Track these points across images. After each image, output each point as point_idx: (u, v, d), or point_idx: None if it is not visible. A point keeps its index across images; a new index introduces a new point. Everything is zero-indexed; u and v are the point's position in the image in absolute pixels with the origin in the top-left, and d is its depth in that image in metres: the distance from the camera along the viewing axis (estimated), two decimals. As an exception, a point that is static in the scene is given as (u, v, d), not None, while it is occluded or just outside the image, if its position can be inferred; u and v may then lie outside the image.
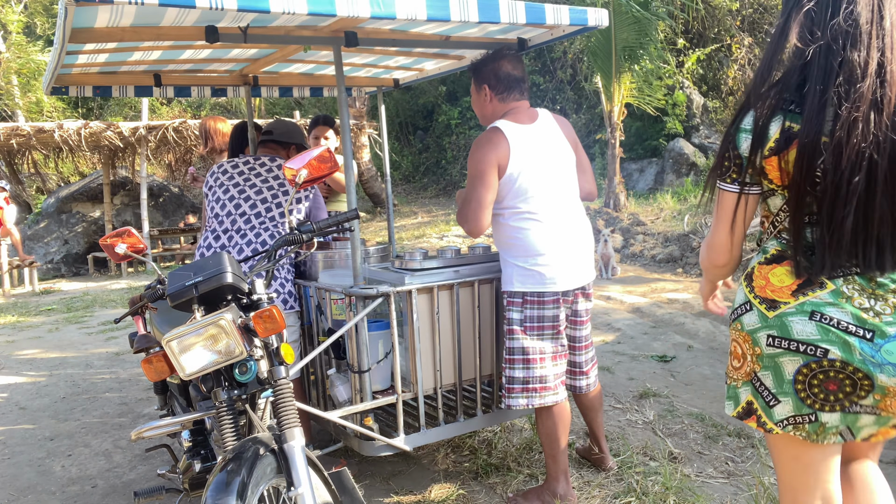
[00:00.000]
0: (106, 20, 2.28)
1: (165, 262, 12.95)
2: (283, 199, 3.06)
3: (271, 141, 3.44)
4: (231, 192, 3.09)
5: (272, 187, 3.09)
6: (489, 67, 2.73)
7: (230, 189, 3.10)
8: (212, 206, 3.13)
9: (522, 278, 2.64)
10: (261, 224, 3.01)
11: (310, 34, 2.68)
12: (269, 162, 3.19)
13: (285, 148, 3.44)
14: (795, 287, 1.55)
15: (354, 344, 2.66)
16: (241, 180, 3.11)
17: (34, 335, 6.88)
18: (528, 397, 2.68)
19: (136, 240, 2.26)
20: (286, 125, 3.53)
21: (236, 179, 3.12)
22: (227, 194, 3.09)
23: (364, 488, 3.00)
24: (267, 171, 3.15)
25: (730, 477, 2.99)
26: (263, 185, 3.09)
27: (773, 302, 1.57)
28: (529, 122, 2.68)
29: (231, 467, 1.67)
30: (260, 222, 3.02)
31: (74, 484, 3.28)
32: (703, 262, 1.77)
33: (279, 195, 3.07)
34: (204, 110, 21.22)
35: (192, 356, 1.84)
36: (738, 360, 1.67)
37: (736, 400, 1.68)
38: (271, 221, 3.02)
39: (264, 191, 3.07)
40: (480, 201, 2.58)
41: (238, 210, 3.04)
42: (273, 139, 3.44)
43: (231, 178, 3.13)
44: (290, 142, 3.46)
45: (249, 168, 3.16)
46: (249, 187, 3.08)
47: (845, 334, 1.48)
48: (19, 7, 19.00)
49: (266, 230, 3.00)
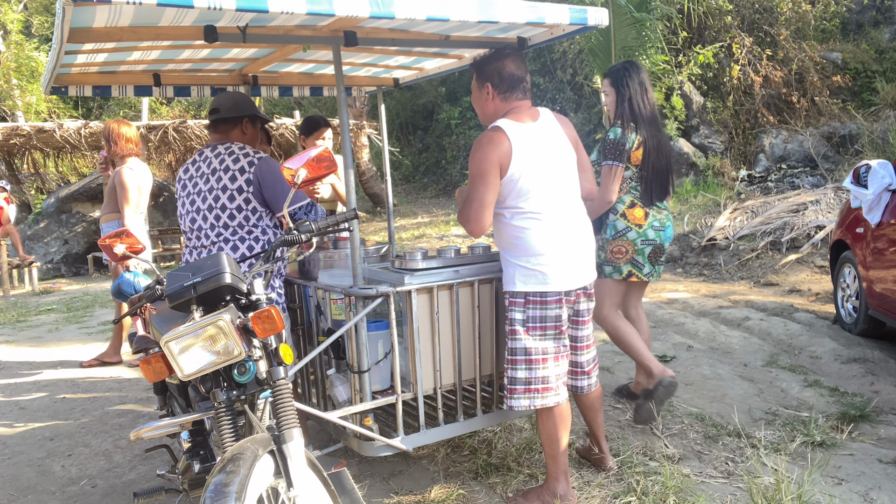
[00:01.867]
0: (104, 20, 2.28)
1: (165, 262, 12.94)
2: (225, 197, 2.80)
3: (220, 121, 2.97)
4: (186, 205, 2.92)
5: (213, 188, 2.83)
6: (493, 66, 2.71)
7: (185, 202, 2.92)
8: (181, 218, 2.97)
9: (524, 278, 2.63)
10: (219, 237, 2.83)
11: (309, 34, 2.67)
12: (210, 154, 2.88)
13: (236, 124, 2.98)
14: (644, 215, 3.50)
15: (354, 344, 2.66)
16: (191, 188, 2.90)
17: (34, 335, 6.87)
18: (530, 398, 2.68)
19: (135, 240, 2.26)
20: (231, 97, 3.02)
21: (188, 188, 2.92)
22: (184, 208, 2.93)
23: (364, 488, 2.99)
24: (208, 168, 2.86)
25: (730, 477, 2.99)
26: (206, 189, 2.85)
27: (640, 225, 3.50)
28: (531, 121, 2.67)
29: (230, 468, 1.66)
30: (217, 234, 2.83)
31: (74, 484, 3.28)
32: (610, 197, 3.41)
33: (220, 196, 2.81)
34: (204, 110, 21.22)
35: (190, 357, 1.84)
36: (622, 254, 3.50)
37: (620, 272, 3.54)
38: (227, 230, 2.82)
39: (208, 196, 2.84)
40: (482, 201, 2.57)
41: (195, 224, 2.88)
42: (221, 118, 2.96)
43: (185, 188, 2.94)
44: (241, 115, 2.98)
45: (196, 169, 2.90)
46: (198, 196, 2.87)
47: (659, 231, 3.53)
48: (19, 6, 18.99)
49: (226, 242, 2.82)
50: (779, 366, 4.59)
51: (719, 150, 13.20)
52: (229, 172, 2.81)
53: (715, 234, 8.98)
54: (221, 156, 2.86)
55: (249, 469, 1.68)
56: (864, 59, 13.42)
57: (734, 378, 4.37)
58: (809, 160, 12.29)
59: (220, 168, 2.83)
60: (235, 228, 2.82)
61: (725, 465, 3.11)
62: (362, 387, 2.67)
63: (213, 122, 3.00)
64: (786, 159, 12.59)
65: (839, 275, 5.46)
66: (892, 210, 4.50)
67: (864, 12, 14.29)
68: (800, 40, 13.65)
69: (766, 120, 13.18)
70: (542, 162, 2.62)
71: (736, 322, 5.75)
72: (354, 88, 4.32)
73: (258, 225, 2.85)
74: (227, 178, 2.82)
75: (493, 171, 2.56)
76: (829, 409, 3.79)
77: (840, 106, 13.08)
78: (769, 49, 13.45)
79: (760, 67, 13.28)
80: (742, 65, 13.22)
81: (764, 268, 7.88)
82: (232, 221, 2.82)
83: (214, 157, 2.87)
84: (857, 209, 4.97)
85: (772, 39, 13.58)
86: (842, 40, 14.09)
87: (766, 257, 8.08)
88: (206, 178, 2.86)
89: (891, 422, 3.61)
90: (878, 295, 4.63)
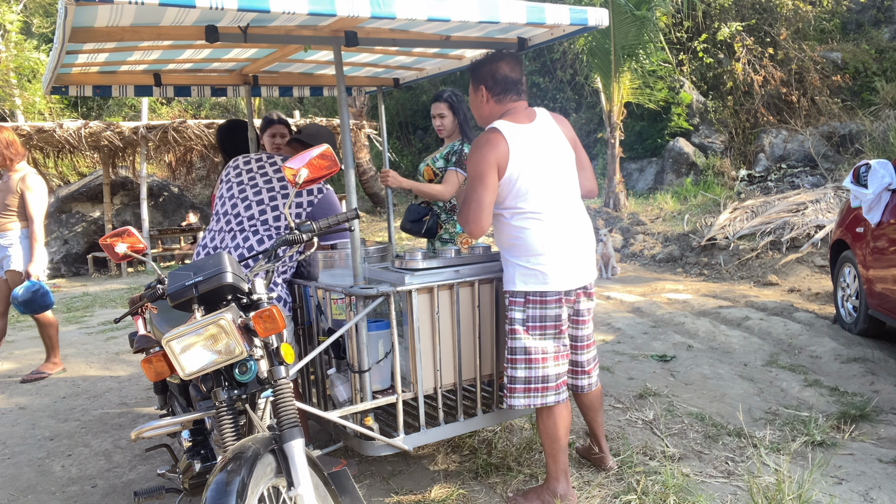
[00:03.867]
0: (106, 20, 2.28)
1: (165, 261, 12.95)
2: (283, 201, 2.99)
3: (297, 140, 3.43)
4: (234, 190, 3.07)
5: (273, 188, 3.02)
6: (486, 69, 2.73)
7: (234, 188, 3.07)
8: (219, 202, 3.12)
9: (525, 278, 2.64)
10: (251, 227, 2.95)
11: (310, 34, 2.67)
12: (280, 161, 3.12)
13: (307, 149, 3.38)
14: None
15: (354, 344, 2.66)
16: (246, 178, 3.08)
17: (34, 335, 6.87)
18: (530, 397, 2.68)
19: (136, 239, 2.26)
20: (316, 128, 3.52)
21: (243, 178, 3.09)
22: (230, 192, 3.07)
23: (364, 488, 3.00)
24: (274, 171, 3.08)
25: (730, 477, 2.99)
26: (265, 187, 3.03)
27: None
28: (528, 122, 2.68)
29: (231, 467, 1.67)
30: (251, 225, 2.96)
31: (74, 484, 3.28)
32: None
33: (278, 197, 3.00)
34: (204, 110, 21.21)
35: (191, 356, 1.84)
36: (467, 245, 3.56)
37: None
38: (262, 225, 2.95)
39: (263, 192, 3.01)
40: (480, 202, 2.58)
41: (234, 210, 3.01)
42: (299, 139, 3.43)
43: (238, 176, 3.10)
44: (314, 144, 3.37)
45: (259, 167, 3.11)
46: (251, 188, 3.04)
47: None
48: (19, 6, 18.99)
49: (255, 234, 2.93)
50: (779, 365, 4.60)
51: (719, 149, 13.20)
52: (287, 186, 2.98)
53: (715, 233, 8.99)
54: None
55: (250, 468, 1.68)
56: (864, 58, 13.43)
57: (734, 378, 4.38)
58: (809, 160, 12.30)
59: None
60: (272, 228, 2.94)
61: (725, 464, 3.12)
62: (363, 386, 2.67)
63: (290, 140, 3.47)
64: (786, 159, 12.59)
65: (839, 274, 5.47)
66: (892, 210, 4.50)
67: (864, 12, 14.29)
68: (800, 40, 13.65)
69: (766, 120, 13.18)
70: (540, 162, 2.63)
71: (736, 322, 5.76)
72: (354, 88, 4.32)
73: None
74: (279, 186, 3.00)
75: (491, 172, 2.57)
76: (829, 409, 3.79)
77: (840, 105, 13.08)
78: (769, 49, 13.45)
79: (760, 67, 13.28)
80: (742, 64, 13.22)
81: (764, 267, 7.88)
82: (275, 222, 2.95)
83: (283, 161, 3.08)
84: (857, 209, 4.97)
85: (772, 39, 13.58)
86: (842, 40, 14.10)
87: (766, 257, 8.09)
88: (268, 179, 3.03)
89: (891, 421, 3.61)
90: (877, 294, 4.64)
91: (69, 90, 3.55)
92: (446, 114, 3.75)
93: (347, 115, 2.68)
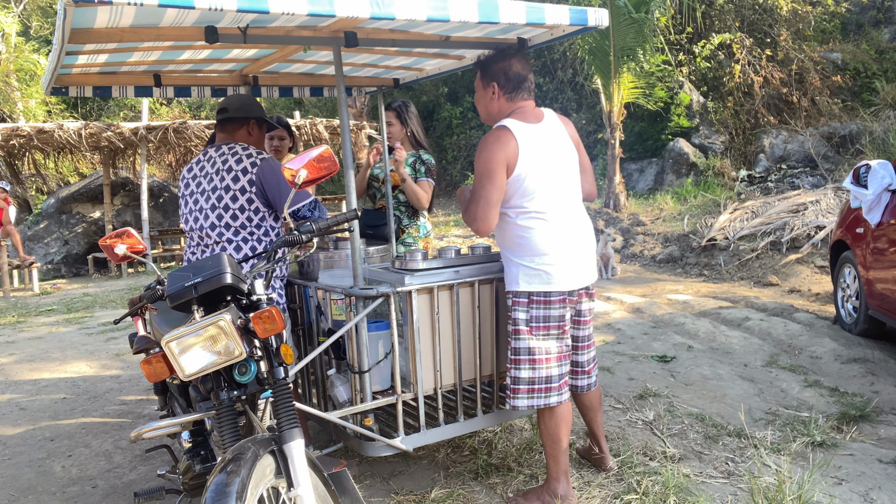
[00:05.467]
0: (105, 21, 2.28)
1: (165, 262, 12.95)
2: (228, 197, 2.81)
3: (227, 120, 3.00)
4: (189, 203, 2.93)
5: (216, 188, 2.83)
6: (499, 65, 2.70)
7: (188, 201, 2.94)
8: (184, 218, 2.99)
9: (528, 278, 2.64)
10: (221, 237, 2.83)
11: (309, 34, 2.67)
12: (214, 154, 2.90)
13: (242, 125, 3.01)
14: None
15: (354, 344, 2.66)
16: (194, 187, 2.92)
17: (34, 335, 6.88)
18: (533, 398, 2.68)
19: (136, 240, 2.26)
20: (240, 98, 3.10)
21: (191, 187, 2.94)
22: (187, 207, 2.95)
23: (364, 488, 3.00)
24: (212, 167, 2.87)
25: (730, 477, 2.99)
26: (209, 189, 2.86)
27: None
28: (536, 122, 2.68)
29: (231, 468, 1.67)
30: (218, 234, 2.83)
31: (75, 484, 3.28)
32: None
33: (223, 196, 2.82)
34: (204, 111, 21.22)
35: (191, 357, 1.84)
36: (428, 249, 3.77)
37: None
38: (228, 230, 2.82)
39: (211, 196, 2.85)
40: (489, 200, 2.57)
41: (197, 224, 2.88)
42: (228, 117, 3.00)
43: (188, 187, 2.96)
44: (248, 116, 3.03)
45: (201, 168, 2.92)
46: (202, 195, 2.88)
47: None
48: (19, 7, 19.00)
49: (230, 242, 2.82)
50: (779, 366, 4.59)
51: (719, 150, 13.20)
52: (232, 172, 2.82)
53: (715, 234, 8.99)
54: (225, 155, 2.87)
55: (250, 469, 1.68)
56: (864, 59, 13.42)
57: (734, 378, 4.37)
58: (809, 160, 12.30)
59: (223, 168, 2.84)
60: (237, 229, 2.83)
61: (726, 465, 3.12)
62: (363, 387, 2.67)
63: (219, 121, 3.02)
64: (786, 159, 12.59)
65: (839, 275, 5.47)
66: (892, 210, 4.50)
67: (864, 12, 14.29)
68: (800, 41, 13.65)
69: (767, 120, 13.18)
70: (547, 162, 2.63)
71: (736, 322, 5.75)
72: (354, 89, 4.32)
73: (261, 225, 2.85)
74: (230, 178, 2.82)
75: (500, 170, 2.56)
76: (830, 409, 3.79)
77: (840, 106, 13.08)
78: (769, 49, 13.45)
79: (760, 68, 13.27)
80: (742, 65, 13.22)
81: (764, 268, 7.88)
82: (234, 222, 2.82)
83: (218, 156, 2.88)
84: (857, 209, 4.97)
85: (772, 40, 13.58)
86: (842, 40, 14.10)
87: (766, 257, 8.09)
88: (209, 178, 2.87)
89: (891, 422, 3.61)
90: (878, 295, 4.64)
91: (69, 91, 3.55)
92: (394, 122, 3.89)
93: (347, 116, 2.68)
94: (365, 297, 2.60)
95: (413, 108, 3.94)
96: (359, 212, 2.31)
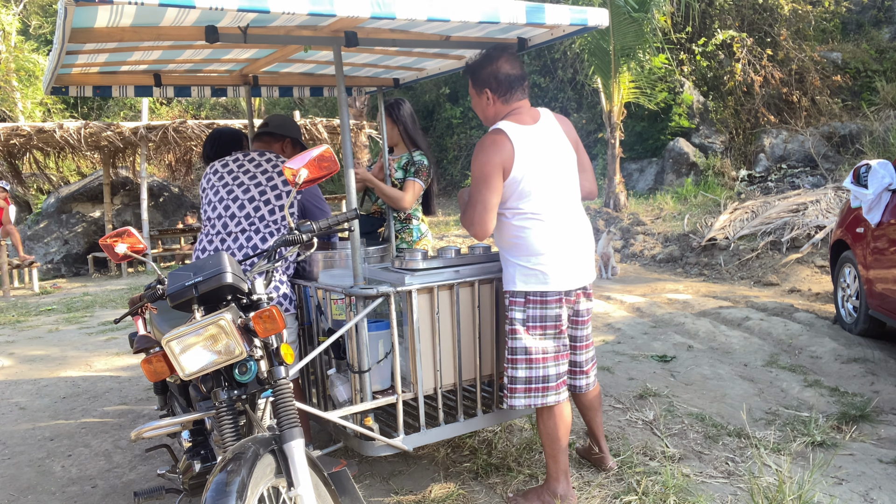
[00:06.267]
0: (106, 20, 2.28)
1: (165, 262, 12.95)
2: (272, 194, 2.98)
3: (266, 133, 3.43)
4: (221, 193, 3.03)
5: (260, 184, 3.00)
6: (487, 70, 2.69)
7: (220, 191, 3.03)
8: (204, 210, 3.09)
9: (525, 278, 2.64)
10: (251, 226, 2.93)
11: (310, 34, 2.67)
12: (258, 157, 3.10)
13: (278, 140, 3.43)
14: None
15: (354, 344, 2.66)
16: (230, 180, 3.04)
17: (34, 335, 6.88)
18: (530, 397, 2.68)
19: (136, 240, 2.26)
20: (282, 118, 3.53)
21: (226, 180, 3.06)
22: (217, 196, 3.04)
23: (364, 488, 3.00)
24: (255, 167, 3.05)
25: (730, 477, 2.99)
26: (251, 184, 3.00)
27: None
28: (532, 123, 2.67)
29: (231, 467, 1.67)
30: (250, 224, 2.94)
31: (74, 484, 3.28)
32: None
33: (267, 191, 2.98)
34: (204, 110, 21.21)
35: (191, 356, 1.84)
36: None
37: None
38: (261, 222, 2.94)
39: (252, 189, 2.98)
40: (486, 204, 2.57)
41: (227, 212, 2.97)
42: (267, 132, 3.43)
43: (221, 179, 3.07)
44: (284, 135, 3.44)
45: (239, 166, 3.07)
46: (238, 187, 3.00)
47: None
48: (19, 7, 18.99)
49: (257, 232, 2.93)
50: (779, 366, 4.59)
51: (719, 150, 13.20)
52: (281, 177, 2.98)
53: (715, 234, 8.99)
54: (272, 161, 3.07)
55: (251, 468, 1.68)
56: (865, 58, 13.43)
57: (734, 378, 4.38)
58: (809, 160, 12.30)
59: (271, 170, 3.03)
60: (270, 223, 2.94)
61: (726, 465, 3.12)
62: (363, 387, 2.67)
63: (258, 134, 3.42)
64: (786, 159, 12.59)
65: (839, 275, 5.47)
66: (892, 210, 4.50)
67: (864, 12, 14.29)
68: (800, 40, 13.64)
69: (767, 120, 13.17)
70: (544, 163, 2.62)
71: (736, 322, 5.76)
72: (355, 89, 4.32)
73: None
74: (279, 179, 3.00)
75: (497, 173, 2.56)
76: (830, 409, 3.79)
77: (840, 106, 13.08)
78: (769, 49, 13.44)
79: (760, 67, 13.27)
80: (742, 64, 13.22)
81: (764, 268, 7.88)
82: (271, 215, 2.95)
83: (264, 160, 3.07)
84: (857, 209, 4.97)
85: (772, 39, 13.58)
86: (842, 40, 14.10)
87: (766, 257, 8.09)
88: (251, 175, 3.02)
89: (891, 422, 3.61)
90: (878, 295, 4.64)
91: (69, 90, 3.55)
92: (386, 120, 3.89)
93: (347, 116, 2.68)
94: (365, 297, 2.60)
95: (407, 107, 3.91)
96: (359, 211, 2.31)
